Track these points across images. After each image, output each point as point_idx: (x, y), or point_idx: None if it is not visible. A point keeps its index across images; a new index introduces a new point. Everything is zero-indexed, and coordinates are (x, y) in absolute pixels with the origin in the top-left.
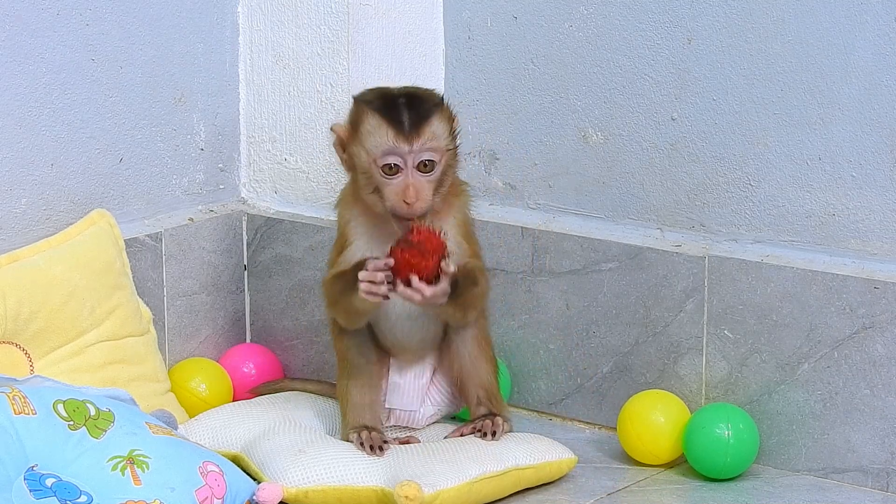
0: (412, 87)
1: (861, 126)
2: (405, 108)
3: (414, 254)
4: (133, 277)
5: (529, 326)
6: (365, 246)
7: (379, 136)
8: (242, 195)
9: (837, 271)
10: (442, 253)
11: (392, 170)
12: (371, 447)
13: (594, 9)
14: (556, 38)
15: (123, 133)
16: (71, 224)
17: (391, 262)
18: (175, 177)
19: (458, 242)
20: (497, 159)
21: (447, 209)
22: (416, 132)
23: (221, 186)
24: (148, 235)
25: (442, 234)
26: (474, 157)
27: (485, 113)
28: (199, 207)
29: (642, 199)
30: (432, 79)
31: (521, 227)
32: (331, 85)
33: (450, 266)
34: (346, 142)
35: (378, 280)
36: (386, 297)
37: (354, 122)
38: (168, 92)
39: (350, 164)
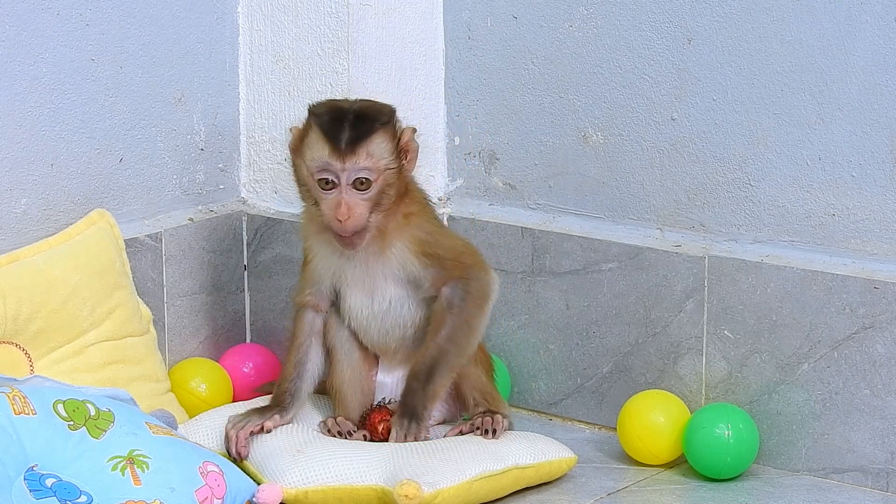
0: (366, 103)
1: (861, 126)
2: (347, 125)
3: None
4: (133, 277)
5: (529, 326)
6: (321, 264)
7: (316, 150)
8: (242, 195)
9: (837, 271)
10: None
11: (328, 185)
12: (339, 433)
13: (594, 9)
14: (556, 38)
15: (123, 133)
16: (71, 224)
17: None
18: (175, 177)
19: (413, 262)
20: (497, 159)
21: (397, 234)
22: (351, 150)
23: (221, 186)
24: (148, 235)
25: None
26: (474, 157)
27: (485, 113)
28: (199, 207)
29: (642, 199)
30: (432, 79)
31: (521, 227)
32: (331, 85)
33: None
34: (295, 150)
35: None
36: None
37: (302, 133)
38: (168, 92)
39: (296, 175)
